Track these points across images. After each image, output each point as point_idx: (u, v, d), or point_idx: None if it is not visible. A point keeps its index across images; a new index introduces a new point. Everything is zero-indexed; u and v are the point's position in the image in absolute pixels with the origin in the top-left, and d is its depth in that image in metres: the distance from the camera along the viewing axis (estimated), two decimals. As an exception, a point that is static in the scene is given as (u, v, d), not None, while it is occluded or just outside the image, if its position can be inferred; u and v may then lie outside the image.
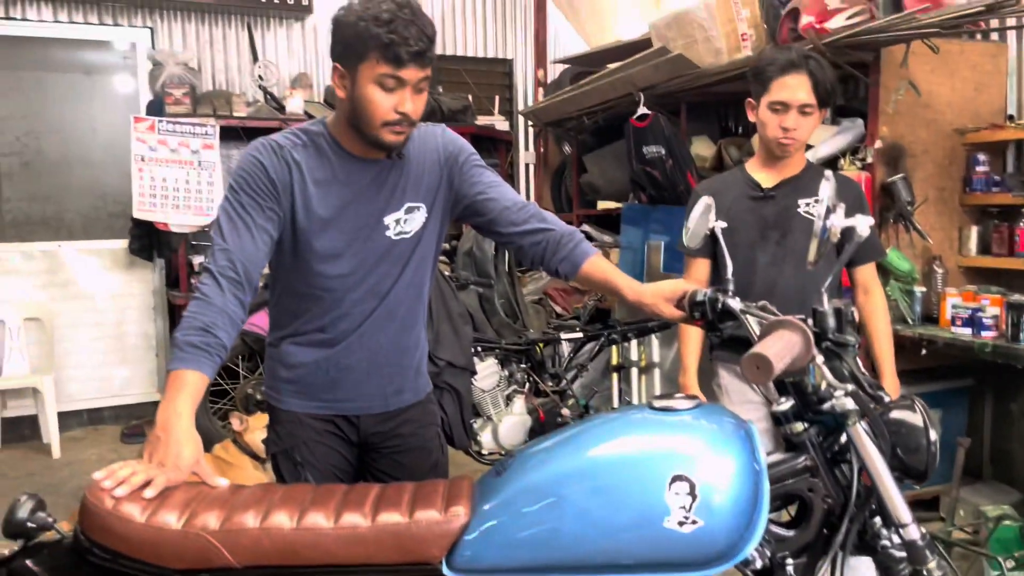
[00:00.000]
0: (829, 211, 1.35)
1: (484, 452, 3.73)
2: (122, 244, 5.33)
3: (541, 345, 3.87)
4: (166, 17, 5.47)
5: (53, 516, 1.33)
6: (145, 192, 4.89)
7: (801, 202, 2.30)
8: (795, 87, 2.20)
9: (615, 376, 4.11)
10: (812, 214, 2.23)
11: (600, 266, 1.72)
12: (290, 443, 1.77)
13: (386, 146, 1.63)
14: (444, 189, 1.76)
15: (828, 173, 1.45)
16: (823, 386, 1.33)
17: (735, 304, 1.49)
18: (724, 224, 1.74)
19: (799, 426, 1.38)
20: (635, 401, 4.09)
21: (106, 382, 5.41)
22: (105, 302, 5.38)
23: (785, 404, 1.38)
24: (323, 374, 1.76)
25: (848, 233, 1.35)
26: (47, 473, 4.47)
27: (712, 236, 1.75)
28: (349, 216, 1.69)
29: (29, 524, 1.29)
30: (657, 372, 4.15)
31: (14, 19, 5.12)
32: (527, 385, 3.85)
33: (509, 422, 3.72)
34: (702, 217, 1.69)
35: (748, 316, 1.46)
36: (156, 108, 5.06)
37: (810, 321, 1.35)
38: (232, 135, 5.09)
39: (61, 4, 5.22)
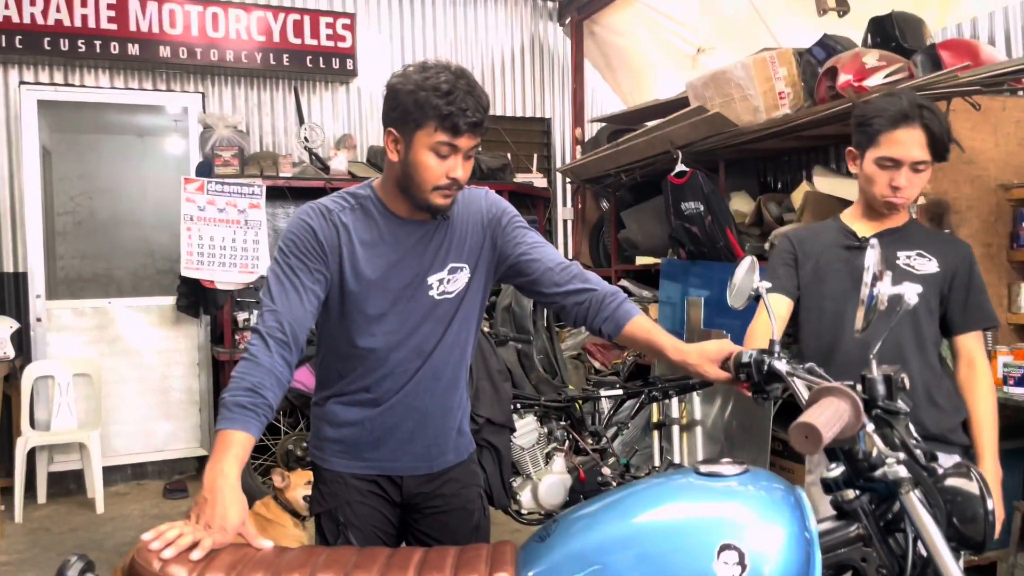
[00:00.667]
0: (875, 278, 1.33)
1: (524, 512, 3.67)
2: (170, 301, 5.45)
3: (581, 402, 3.84)
4: (217, 82, 5.67)
5: (101, 577, 1.34)
6: (193, 251, 5.01)
7: (901, 254, 2.07)
8: (909, 143, 1.96)
9: (656, 434, 4.05)
10: (913, 267, 2.07)
11: (643, 326, 1.72)
12: (334, 504, 1.77)
13: (434, 209, 1.67)
14: (487, 250, 1.79)
15: (873, 240, 1.43)
16: (874, 452, 1.30)
17: (782, 366, 1.47)
18: (768, 284, 1.73)
19: (850, 493, 1.34)
20: (676, 459, 4.02)
21: (150, 437, 5.49)
22: (152, 358, 5.49)
23: (836, 470, 1.34)
24: (368, 434, 1.77)
25: (894, 301, 1.33)
26: (91, 528, 4.51)
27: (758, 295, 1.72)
28: (394, 276, 1.72)
29: (78, 585, 1.31)
30: (699, 430, 4.08)
31: (72, 85, 5.35)
32: (567, 443, 3.80)
33: (549, 481, 3.67)
34: (746, 276, 1.67)
35: (795, 379, 1.44)
36: (206, 169, 5.21)
37: (859, 387, 1.33)
38: (278, 194, 5.21)
39: (117, 71, 5.43)
